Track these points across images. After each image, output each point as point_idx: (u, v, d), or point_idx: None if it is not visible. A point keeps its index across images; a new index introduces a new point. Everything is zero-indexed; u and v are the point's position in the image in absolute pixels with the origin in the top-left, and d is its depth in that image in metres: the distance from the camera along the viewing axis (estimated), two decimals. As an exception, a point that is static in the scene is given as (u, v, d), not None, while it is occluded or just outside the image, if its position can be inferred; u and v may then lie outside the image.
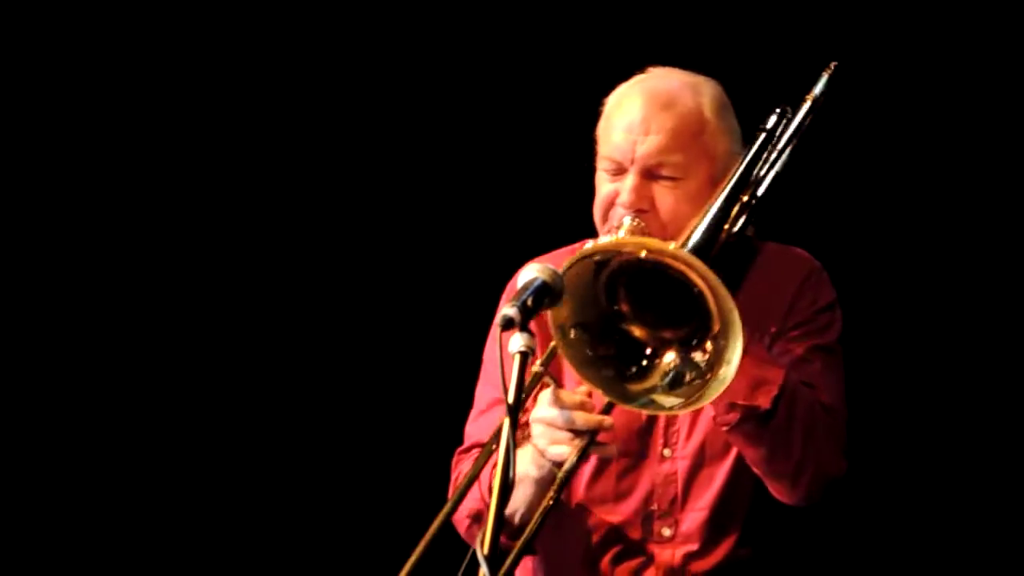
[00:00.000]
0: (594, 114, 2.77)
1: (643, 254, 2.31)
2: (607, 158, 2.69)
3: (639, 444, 2.70)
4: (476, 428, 2.78)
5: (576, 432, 2.44)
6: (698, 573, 2.66)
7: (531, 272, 2.18)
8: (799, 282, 2.74)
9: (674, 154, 2.64)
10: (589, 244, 2.36)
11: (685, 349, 2.37)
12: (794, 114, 2.68)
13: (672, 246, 2.32)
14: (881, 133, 3.85)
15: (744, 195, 2.56)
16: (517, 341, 2.08)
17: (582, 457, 2.46)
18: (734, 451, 2.65)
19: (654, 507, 2.69)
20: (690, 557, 2.66)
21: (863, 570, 3.86)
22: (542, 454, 2.49)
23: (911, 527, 3.86)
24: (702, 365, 2.35)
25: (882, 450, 3.75)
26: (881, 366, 3.78)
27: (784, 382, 2.51)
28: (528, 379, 2.37)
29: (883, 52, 3.79)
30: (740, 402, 2.50)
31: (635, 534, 2.68)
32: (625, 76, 2.78)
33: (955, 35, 3.78)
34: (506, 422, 2.07)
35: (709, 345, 2.34)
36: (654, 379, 2.39)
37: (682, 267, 2.29)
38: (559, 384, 2.49)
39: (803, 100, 2.68)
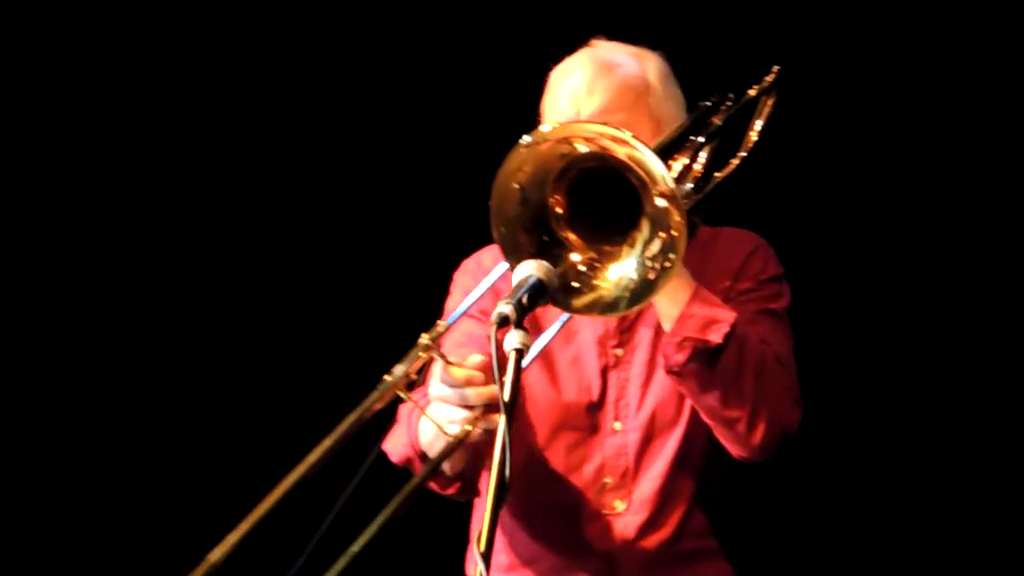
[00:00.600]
0: (533, 103, 2.79)
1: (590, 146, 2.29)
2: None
3: (589, 418, 2.72)
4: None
5: (470, 407, 2.42)
6: (652, 544, 2.68)
7: (526, 269, 2.18)
8: (746, 253, 2.79)
9: (617, 113, 2.66)
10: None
11: (632, 251, 2.36)
12: (737, 100, 2.77)
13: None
14: (833, 130, 3.92)
15: (683, 157, 2.62)
16: (513, 338, 2.08)
17: (482, 435, 2.43)
18: (683, 421, 2.69)
19: (606, 480, 2.71)
20: (643, 529, 2.69)
21: (814, 537, 3.92)
22: (441, 432, 2.47)
23: (861, 495, 3.92)
24: (649, 264, 2.34)
25: (831, 426, 3.78)
26: (836, 354, 3.85)
27: (735, 323, 2.55)
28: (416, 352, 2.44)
29: (834, 47, 3.87)
30: (691, 335, 2.52)
31: (588, 508, 2.70)
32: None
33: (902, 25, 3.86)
34: (502, 420, 2.07)
35: (655, 245, 2.32)
36: (598, 280, 2.39)
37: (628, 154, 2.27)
38: (447, 361, 2.45)
39: (746, 91, 2.78)
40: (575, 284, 2.40)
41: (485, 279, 2.60)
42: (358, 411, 2.40)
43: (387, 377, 2.42)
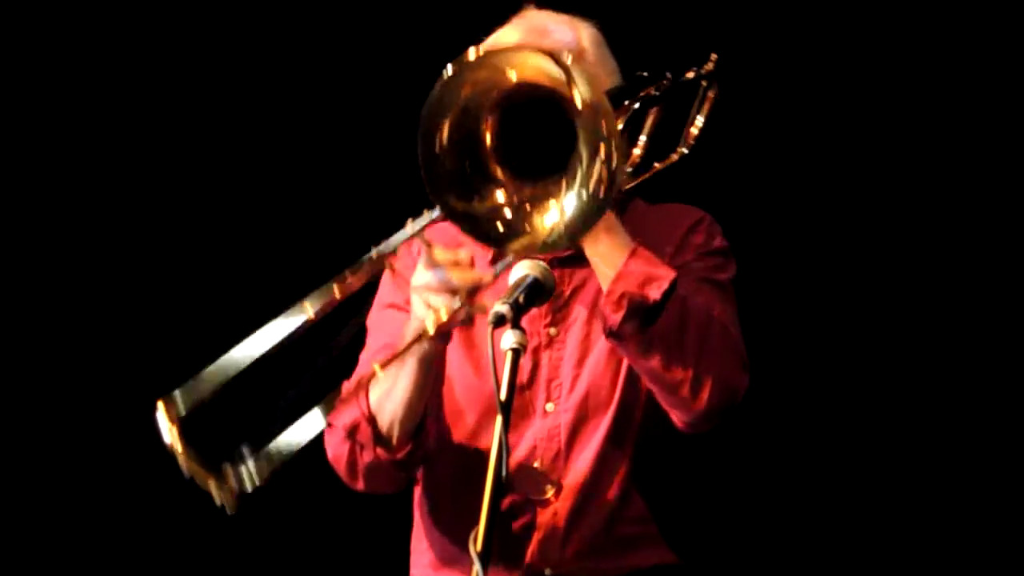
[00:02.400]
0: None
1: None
2: None
3: (519, 400, 2.63)
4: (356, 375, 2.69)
5: (454, 291, 2.40)
6: (585, 530, 2.63)
7: (523, 269, 2.17)
8: (688, 225, 2.76)
9: None
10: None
11: (569, 185, 2.34)
12: (675, 80, 2.76)
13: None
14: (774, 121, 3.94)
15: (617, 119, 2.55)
16: (509, 338, 2.09)
17: (465, 320, 2.43)
18: (616, 400, 2.64)
19: (537, 463, 2.65)
20: (574, 514, 2.63)
21: (761, 522, 3.94)
22: (419, 320, 2.43)
23: (809, 477, 3.93)
24: (587, 194, 2.31)
25: (779, 408, 3.82)
26: (786, 336, 3.88)
27: (675, 280, 2.50)
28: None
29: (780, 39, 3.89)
30: (629, 290, 2.48)
31: (519, 493, 2.65)
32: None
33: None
34: (499, 420, 2.06)
35: (593, 172, 2.30)
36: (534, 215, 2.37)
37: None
38: (429, 244, 2.44)
39: (684, 74, 2.79)
40: (504, 226, 2.36)
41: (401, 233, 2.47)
42: (350, 270, 2.37)
43: (372, 254, 2.39)
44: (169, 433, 2.13)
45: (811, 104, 3.92)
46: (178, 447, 2.13)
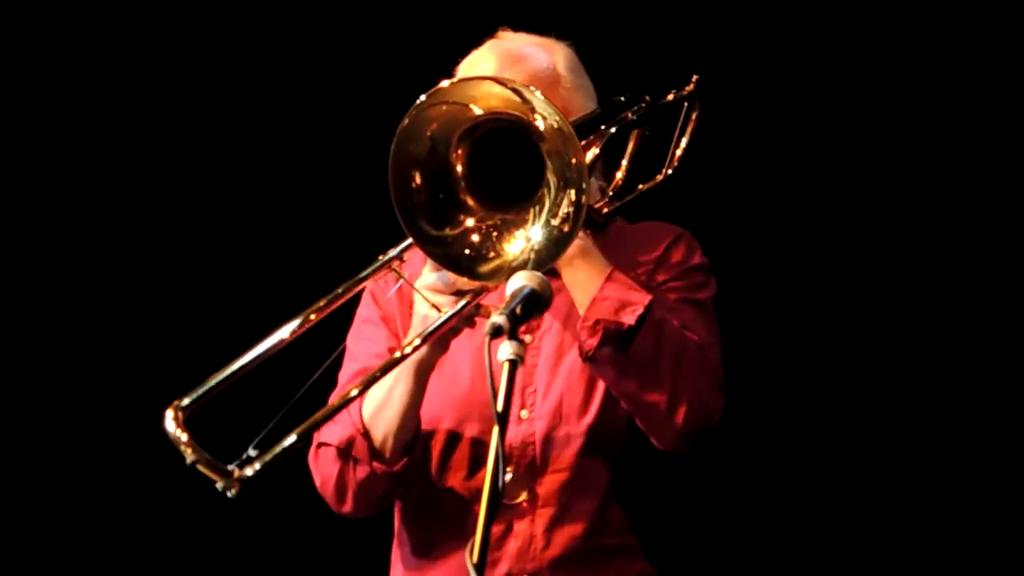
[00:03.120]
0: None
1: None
2: None
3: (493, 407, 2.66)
4: (334, 398, 2.64)
5: (459, 293, 2.45)
6: (562, 539, 2.62)
7: (520, 280, 2.16)
8: (667, 242, 2.76)
9: None
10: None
11: (538, 213, 2.40)
12: (654, 103, 2.79)
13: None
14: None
15: (595, 145, 2.63)
16: (506, 349, 2.07)
17: (468, 321, 2.48)
18: (594, 408, 2.63)
19: (511, 471, 2.63)
20: (552, 523, 2.62)
21: (739, 535, 3.93)
22: (423, 320, 2.48)
23: (788, 491, 3.94)
24: (555, 223, 2.37)
25: (759, 421, 3.83)
26: (764, 347, 3.89)
27: (650, 304, 2.52)
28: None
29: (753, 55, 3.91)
30: (604, 317, 2.50)
31: None
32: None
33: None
34: (496, 431, 2.05)
35: (562, 202, 2.36)
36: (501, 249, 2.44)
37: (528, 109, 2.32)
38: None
39: (664, 96, 2.82)
40: (472, 252, 2.42)
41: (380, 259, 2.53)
42: (351, 282, 2.42)
43: (381, 256, 2.46)
44: (177, 430, 2.20)
45: (793, 122, 3.97)
46: (186, 443, 2.20)
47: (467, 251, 2.43)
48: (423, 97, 2.35)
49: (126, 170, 4.14)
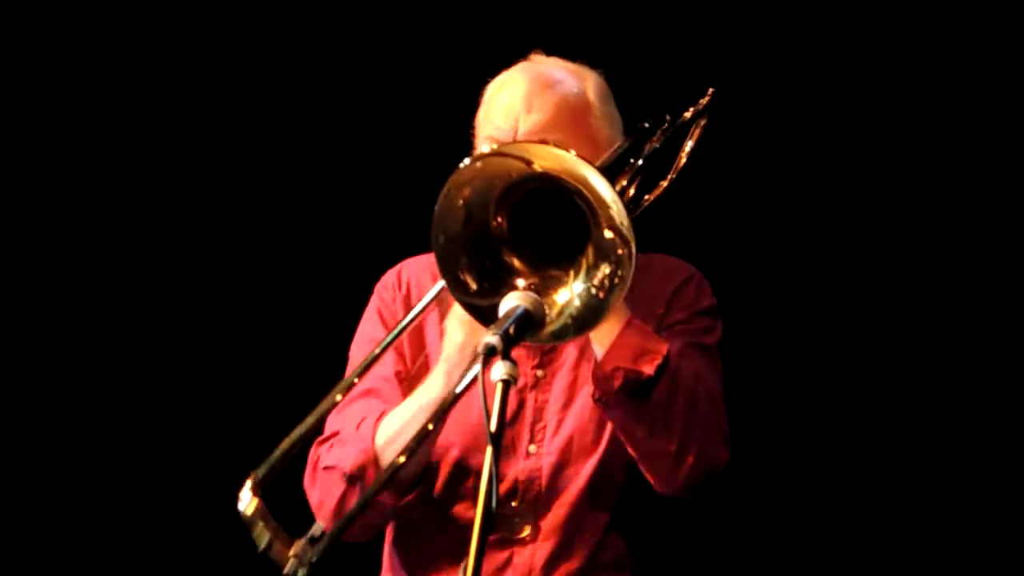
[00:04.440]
0: (467, 114, 2.76)
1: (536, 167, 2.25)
2: (488, 138, 2.66)
3: (503, 440, 2.54)
4: (338, 419, 2.68)
5: None
6: (561, 572, 2.61)
7: (513, 300, 2.16)
8: (678, 283, 2.76)
9: (556, 131, 2.61)
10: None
11: (577, 276, 2.32)
12: (673, 122, 2.78)
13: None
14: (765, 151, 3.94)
15: (621, 180, 2.61)
16: (499, 369, 2.05)
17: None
18: (601, 448, 2.63)
19: (515, 503, 2.64)
20: (552, 558, 2.62)
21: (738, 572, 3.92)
22: (459, 351, 2.50)
23: (786, 530, 3.91)
24: (595, 290, 2.30)
25: (755, 454, 3.73)
26: (762, 381, 3.86)
27: (668, 354, 2.51)
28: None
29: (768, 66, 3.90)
30: (624, 365, 2.49)
31: (497, 531, 2.62)
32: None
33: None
34: (489, 451, 2.04)
35: (601, 271, 2.29)
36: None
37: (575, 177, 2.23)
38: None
39: (682, 113, 2.80)
40: None
41: (418, 305, 2.52)
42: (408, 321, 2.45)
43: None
44: (250, 506, 2.13)
45: (797, 137, 3.95)
46: (259, 520, 2.13)
47: None
48: (466, 161, 2.27)
49: (129, 179, 4.17)
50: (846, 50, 3.91)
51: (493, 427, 2.05)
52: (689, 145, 2.87)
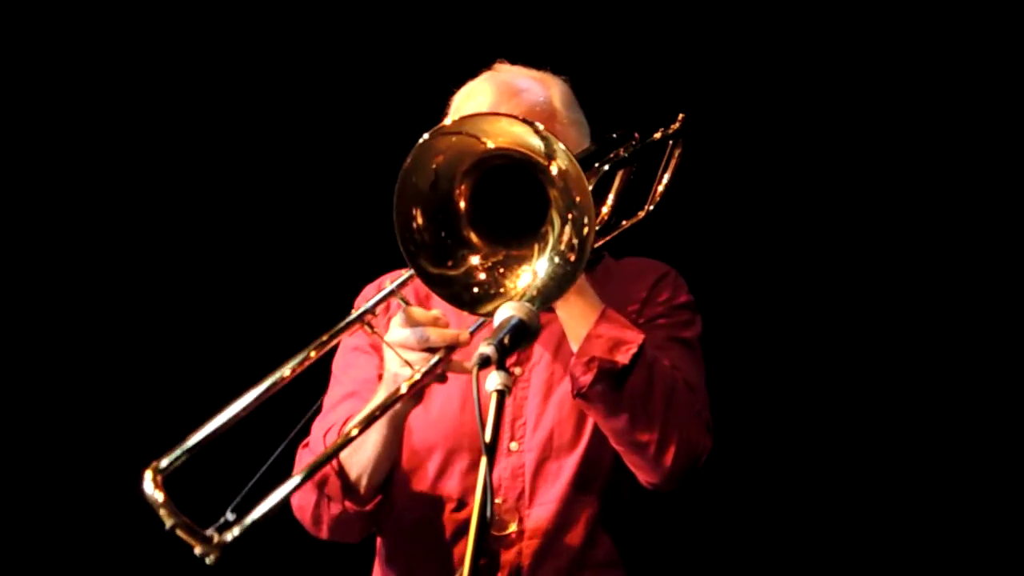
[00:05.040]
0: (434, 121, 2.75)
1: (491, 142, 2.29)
2: None
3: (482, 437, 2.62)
4: (320, 424, 2.69)
5: (431, 350, 2.42)
6: (548, 572, 2.62)
7: (508, 310, 2.16)
8: (654, 280, 2.78)
9: None
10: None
11: (542, 250, 2.37)
12: (642, 140, 2.79)
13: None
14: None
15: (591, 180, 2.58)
16: (494, 379, 2.06)
17: (440, 377, 2.44)
18: (584, 442, 2.64)
19: (500, 501, 2.64)
20: (538, 555, 2.62)
21: (730, 567, 3.92)
22: (394, 379, 2.44)
23: (778, 524, 3.92)
24: (559, 260, 2.34)
25: (745, 449, 3.81)
26: (748, 377, 3.88)
27: (644, 343, 2.52)
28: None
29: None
30: (598, 355, 2.50)
31: None
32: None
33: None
34: (484, 461, 2.05)
35: (565, 236, 2.33)
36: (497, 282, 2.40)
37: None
38: (407, 303, 2.46)
39: (652, 135, 2.82)
40: (479, 289, 2.39)
41: (381, 293, 2.52)
42: (328, 334, 2.38)
43: (354, 310, 2.43)
44: (156, 493, 2.14)
45: (777, 157, 3.98)
46: (164, 505, 2.14)
47: (473, 288, 2.41)
48: (426, 135, 2.32)
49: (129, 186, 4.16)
50: (822, 52, 3.93)
51: (488, 437, 2.04)
52: (667, 177, 2.88)
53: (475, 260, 2.41)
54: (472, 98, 2.70)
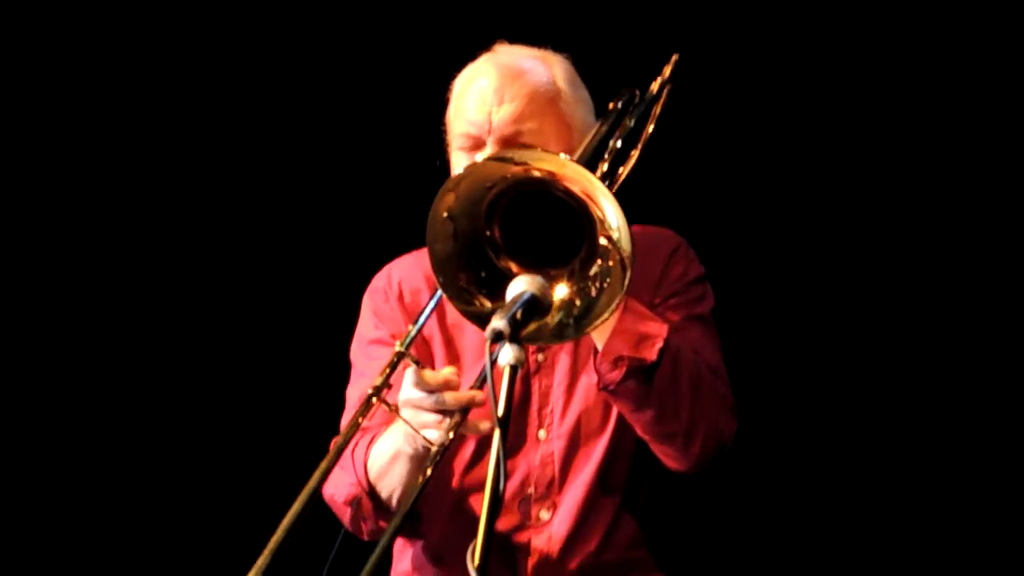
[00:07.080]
0: (437, 107, 2.77)
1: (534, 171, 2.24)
2: (463, 135, 2.67)
3: (513, 428, 2.64)
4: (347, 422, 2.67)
5: (446, 412, 2.41)
6: (577, 555, 2.64)
7: (520, 284, 2.15)
8: (666, 255, 2.76)
9: (530, 121, 2.63)
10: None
11: (573, 276, 2.31)
12: (642, 97, 2.76)
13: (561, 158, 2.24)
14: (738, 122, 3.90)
15: (602, 166, 2.58)
16: (507, 353, 2.03)
17: (455, 436, 2.43)
18: (610, 427, 2.65)
19: (531, 490, 2.66)
20: (569, 540, 2.64)
21: (750, 548, 3.89)
22: (414, 438, 2.47)
23: (799, 503, 3.89)
24: (590, 285, 2.29)
25: (768, 433, 3.77)
26: (768, 357, 3.84)
27: (668, 336, 2.52)
28: (390, 359, 2.44)
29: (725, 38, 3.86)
30: (626, 354, 2.49)
31: (512, 519, 2.65)
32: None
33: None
34: (496, 434, 2.03)
35: (595, 268, 2.28)
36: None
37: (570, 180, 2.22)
38: (421, 365, 2.45)
39: (649, 86, 2.78)
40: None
41: (421, 316, 2.54)
42: (345, 432, 2.40)
43: (369, 390, 2.43)
44: None
45: (774, 114, 3.92)
46: None
47: None
48: (453, 178, 2.27)
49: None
50: (817, 17, 3.88)
51: (500, 411, 2.03)
52: (656, 111, 2.80)
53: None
54: (475, 82, 2.69)
